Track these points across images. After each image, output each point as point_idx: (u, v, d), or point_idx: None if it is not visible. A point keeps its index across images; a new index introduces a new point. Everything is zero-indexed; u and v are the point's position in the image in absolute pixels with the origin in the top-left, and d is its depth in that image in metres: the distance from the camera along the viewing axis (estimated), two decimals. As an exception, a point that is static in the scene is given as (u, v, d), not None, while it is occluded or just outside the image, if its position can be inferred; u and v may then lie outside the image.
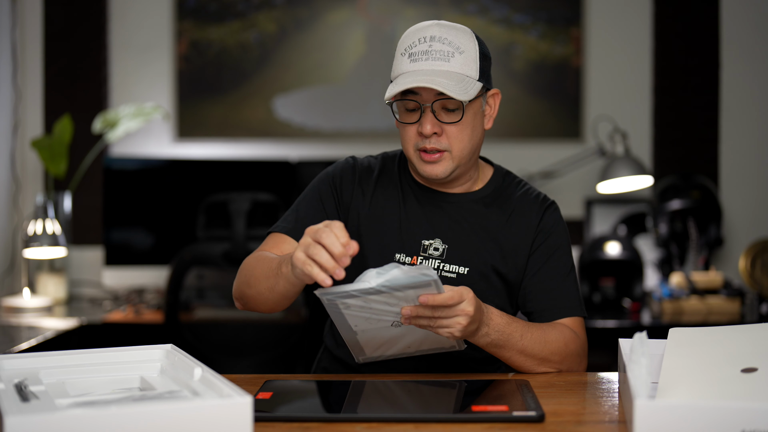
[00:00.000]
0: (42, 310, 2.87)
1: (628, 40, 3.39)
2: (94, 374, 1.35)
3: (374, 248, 1.66)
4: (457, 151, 1.60)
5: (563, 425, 1.22)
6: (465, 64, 1.57)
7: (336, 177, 1.72)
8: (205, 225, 2.79)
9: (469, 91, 1.55)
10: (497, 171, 1.75)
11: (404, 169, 1.73)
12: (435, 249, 1.66)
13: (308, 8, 3.37)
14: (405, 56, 1.58)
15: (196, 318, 2.81)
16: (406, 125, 1.61)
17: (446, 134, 1.59)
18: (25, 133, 3.33)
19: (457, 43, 1.57)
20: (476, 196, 1.70)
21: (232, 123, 3.38)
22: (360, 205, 1.70)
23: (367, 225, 1.68)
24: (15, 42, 3.26)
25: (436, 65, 1.55)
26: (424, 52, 1.56)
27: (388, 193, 1.70)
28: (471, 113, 1.60)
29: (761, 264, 3.04)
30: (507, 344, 1.51)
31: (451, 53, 1.56)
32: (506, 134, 3.38)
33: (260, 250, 1.67)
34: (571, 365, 1.60)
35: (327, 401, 1.38)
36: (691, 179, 3.16)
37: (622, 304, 2.98)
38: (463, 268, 1.65)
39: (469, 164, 1.66)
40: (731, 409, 1.08)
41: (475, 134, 1.62)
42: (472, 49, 1.58)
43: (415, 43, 1.58)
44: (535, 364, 1.56)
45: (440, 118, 1.58)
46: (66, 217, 3.17)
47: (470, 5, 3.35)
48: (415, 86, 1.53)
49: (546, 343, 1.56)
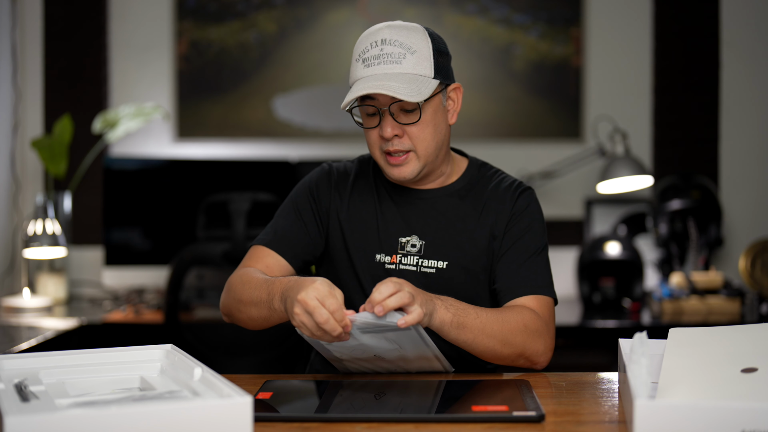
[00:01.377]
0: (42, 310, 2.87)
1: (628, 40, 3.39)
2: (94, 374, 1.36)
3: (356, 251, 1.69)
4: (421, 150, 1.62)
5: (563, 425, 1.22)
6: (417, 64, 1.58)
7: (312, 185, 1.76)
8: (205, 225, 2.79)
9: (423, 91, 1.56)
10: (472, 163, 1.77)
11: (378, 170, 1.75)
12: (412, 246, 1.67)
13: (308, 8, 3.37)
14: (359, 62, 1.61)
15: (196, 318, 2.81)
16: (368, 130, 1.64)
17: (408, 135, 1.61)
18: (25, 133, 3.33)
19: (408, 43, 1.59)
20: (451, 190, 1.72)
21: (232, 123, 3.38)
22: (339, 209, 1.72)
23: (347, 228, 1.71)
24: (15, 42, 3.26)
25: (388, 68, 1.57)
26: (376, 56, 1.58)
27: (365, 195, 1.73)
28: (430, 111, 1.61)
29: (761, 264, 3.04)
30: (466, 322, 1.50)
31: (402, 54, 1.58)
32: (506, 134, 3.38)
33: (244, 265, 1.70)
34: (535, 346, 1.57)
35: (327, 401, 1.38)
36: (691, 179, 3.16)
37: (622, 304, 2.98)
38: (441, 262, 1.66)
39: (438, 161, 1.68)
40: (731, 409, 1.08)
41: (438, 131, 1.64)
42: (424, 47, 1.60)
43: (367, 48, 1.60)
44: (498, 345, 1.54)
45: (399, 120, 1.60)
46: (66, 217, 3.18)
47: (470, 5, 3.35)
48: (366, 93, 1.55)
49: (504, 322, 1.54)
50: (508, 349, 1.55)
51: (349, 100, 1.57)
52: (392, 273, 1.66)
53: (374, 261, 1.68)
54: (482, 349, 1.54)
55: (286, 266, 1.69)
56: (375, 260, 1.68)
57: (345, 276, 1.70)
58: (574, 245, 3.32)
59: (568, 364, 2.73)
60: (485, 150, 3.05)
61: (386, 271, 1.67)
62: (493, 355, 1.56)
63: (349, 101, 1.57)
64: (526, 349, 1.56)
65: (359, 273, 1.68)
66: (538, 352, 1.58)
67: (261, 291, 1.54)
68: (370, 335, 1.43)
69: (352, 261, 1.70)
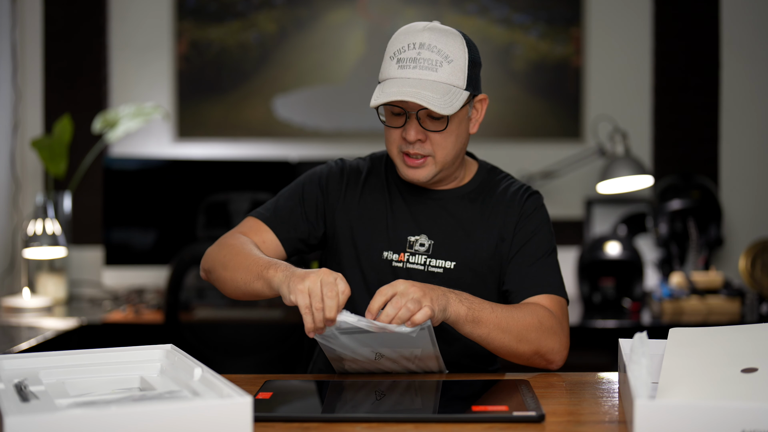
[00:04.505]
0: (42, 310, 2.87)
1: (628, 40, 3.39)
2: (94, 374, 1.36)
3: (364, 246, 1.69)
4: (440, 157, 1.63)
5: (563, 425, 1.22)
6: (453, 74, 1.57)
7: (323, 178, 1.75)
8: (205, 225, 2.79)
9: (454, 103, 1.56)
10: (482, 166, 1.78)
11: (391, 168, 1.76)
12: (421, 245, 1.68)
13: (308, 8, 3.37)
14: (393, 61, 1.59)
15: (196, 318, 2.81)
16: (390, 128, 1.63)
17: (430, 141, 1.61)
18: (25, 133, 3.33)
19: (447, 51, 1.57)
20: (462, 192, 1.72)
21: (232, 123, 3.38)
22: (349, 206, 1.72)
23: (357, 226, 1.71)
24: (15, 42, 3.26)
25: (423, 74, 1.56)
26: (413, 59, 1.57)
27: (376, 193, 1.73)
28: (456, 122, 1.62)
29: (761, 264, 3.04)
30: (482, 317, 1.50)
31: (439, 62, 1.56)
32: (506, 134, 3.38)
33: (239, 231, 1.70)
34: (551, 344, 1.57)
35: (327, 401, 1.38)
36: (691, 179, 3.16)
37: (622, 304, 2.98)
38: (449, 262, 1.66)
39: (453, 167, 1.69)
40: (731, 409, 1.08)
41: (459, 141, 1.64)
42: (461, 58, 1.59)
43: (404, 48, 1.58)
44: (514, 341, 1.53)
45: (425, 126, 1.60)
46: (66, 217, 3.17)
47: (470, 5, 3.35)
48: (400, 99, 1.54)
49: (518, 319, 1.54)
50: (524, 346, 1.54)
51: (382, 102, 1.55)
52: (399, 271, 1.66)
53: (381, 258, 1.68)
54: (497, 344, 1.53)
55: (279, 247, 1.70)
56: (382, 257, 1.68)
57: (349, 270, 1.69)
58: (574, 245, 3.32)
59: (568, 364, 2.72)
60: (485, 150, 3.04)
61: (393, 269, 1.67)
62: (508, 351, 1.55)
63: (381, 102, 1.56)
64: (541, 347, 1.56)
65: (364, 268, 1.68)
66: (553, 350, 1.57)
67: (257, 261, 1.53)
68: (365, 337, 1.43)
69: (358, 256, 1.69)
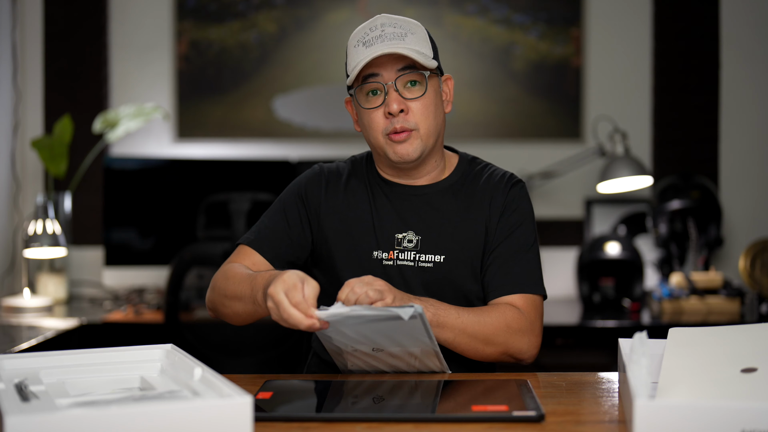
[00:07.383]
0: (42, 310, 2.87)
1: (628, 40, 3.39)
2: (94, 374, 1.36)
3: (353, 249, 1.70)
4: (424, 129, 1.64)
5: (563, 425, 1.22)
6: (418, 43, 1.63)
7: (302, 187, 1.76)
8: (205, 225, 2.79)
9: (429, 62, 1.61)
10: (462, 158, 1.79)
11: (371, 168, 1.77)
12: (409, 241, 1.69)
13: (308, 8, 3.37)
14: (359, 46, 1.63)
15: (196, 318, 2.81)
16: (371, 112, 1.65)
17: (412, 112, 1.63)
18: (25, 133, 3.33)
19: (407, 27, 1.64)
20: (444, 185, 1.73)
21: (232, 123, 3.38)
22: (333, 209, 1.73)
23: (342, 228, 1.72)
24: (15, 42, 3.26)
25: (392, 44, 1.60)
26: (378, 36, 1.62)
27: (358, 194, 1.74)
28: (432, 90, 1.65)
29: (761, 264, 3.04)
30: (447, 322, 1.54)
31: (403, 34, 1.62)
32: (506, 134, 3.38)
33: (229, 261, 1.71)
34: (518, 345, 1.60)
35: (327, 401, 1.38)
36: (691, 179, 3.16)
37: (622, 304, 2.98)
38: (438, 256, 1.68)
39: (435, 147, 1.70)
40: (731, 409, 1.08)
41: (438, 112, 1.67)
42: (422, 31, 1.66)
43: (366, 32, 1.63)
44: (480, 345, 1.57)
45: (404, 95, 1.63)
46: (66, 217, 3.17)
47: (470, 5, 3.35)
48: (380, 54, 1.57)
49: (485, 323, 1.58)
50: (490, 348, 1.59)
51: (359, 68, 1.59)
52: (390, 269, 1.67)
53: (371, 258, 1.68)
54: (464, 347, 1.58)
55: (268, 267, 1.71)
56: (372, 257, 1.68)
57: (343, 274, 1.70)
58: (574, 245, 3.32)
59: (568, 364, 2.73)
60: (486, 150, 3.05)
61: (384, 268, 1.68)
62: (475, 353, 1.59)
63: (357, 72, 1.60)
64: (509, 348, 1.60)
65: (355, 270, 1.68)
66: (521, 350, 1.61)
67: (244, 286, 1.55)
68: (359, 326, 1.42)
69: (348, 258, 1.70)
